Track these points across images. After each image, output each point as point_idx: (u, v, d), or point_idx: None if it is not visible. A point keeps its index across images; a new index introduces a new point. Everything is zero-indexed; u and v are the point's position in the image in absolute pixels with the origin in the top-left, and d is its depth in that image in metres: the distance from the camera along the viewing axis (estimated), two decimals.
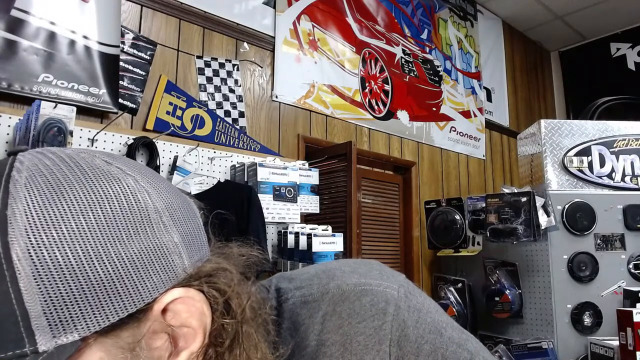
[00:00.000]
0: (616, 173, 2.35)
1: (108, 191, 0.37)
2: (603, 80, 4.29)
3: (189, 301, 0.39)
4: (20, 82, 1.66)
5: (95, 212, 0.35)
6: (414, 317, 0.48)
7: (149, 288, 0.37)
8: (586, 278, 2.13)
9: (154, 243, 0.37)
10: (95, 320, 0.34)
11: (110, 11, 1.93)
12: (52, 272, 0.33)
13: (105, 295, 0.34)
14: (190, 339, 0.40)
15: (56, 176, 0.36)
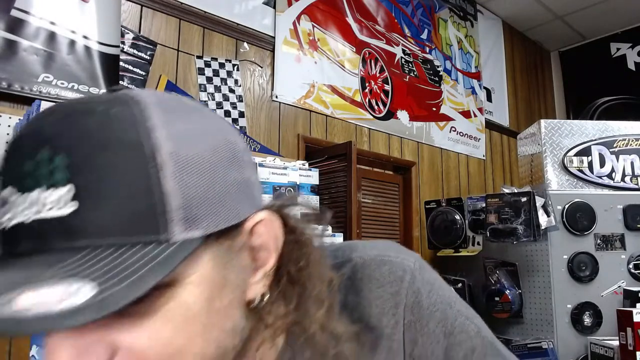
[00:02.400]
0: (616, 173, 2.35)
1: (214, 122, 0.43)
2: (603, 80, 4.29)
3: (269, 224, 0.45)
4: (20, 82, 1.66)
5: (210, 136, 0.41)
6: (427, 287, 0.52)
7: (245, 207, 0.42)
8: (586, 278, 2.13)
9: (243, 175, 0.43)
10: (213, 222, 0.39)
11: (110, 11, 1.93)
12: (188, 174, 0.37)
13: (221, 204, 0.40)
14: (266, 259, 0.45)
15: (174, 103, 0.41)
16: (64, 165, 0.35)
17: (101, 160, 0.35)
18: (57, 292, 0.31)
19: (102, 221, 0.35)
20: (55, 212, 0.34)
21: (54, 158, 0.35)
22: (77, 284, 0.32)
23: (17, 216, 0.35)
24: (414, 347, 0.51)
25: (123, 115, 0.37)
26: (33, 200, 0.35)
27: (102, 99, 0.39)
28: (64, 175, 0.35)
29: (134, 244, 0.35)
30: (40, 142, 0.36)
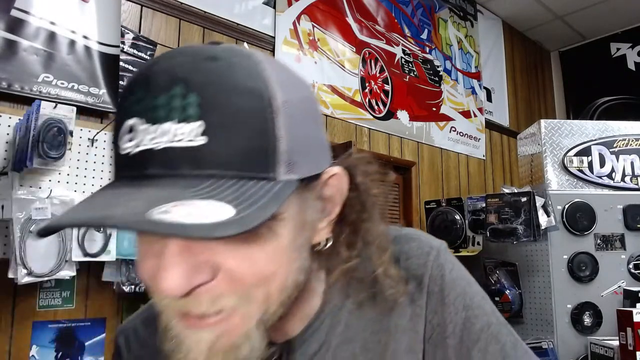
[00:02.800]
0: (616, 173, 2.34)
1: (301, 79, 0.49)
2: (603, 80, 4.29)
3: (339, 179, 0.51)
4: (20, 82, 1.66)
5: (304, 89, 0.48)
6: (450, 265, 0.57)
7: (324, 159, 0.48)
8: (586, 278, 2.13)
9: (323, 133, 0.49)
10: (306, 169, 0.44)
11: (110, 11, 1.93)
12: (294, 122, 0.43)
13: (311, 153, 0.46)
14: (332, 209, 0.51)
15: (272, 59, 0.47)
16: (196, 103, 0.39)
17: (228, 102, 0.40)
18: (204, 208, 0.36)
19: (226, 155, 0.40)
20: (186, 143, 0.39)
21: (187, 95, 0.39)
22: (218, 204, 0.37)
23: (145, 143, 0.39)
24: (434, 315, 0.55)
25: (243, 64, 0.42)
26: (165, 131, 0.39)
27: (219, 48, 0.43)
28: (195, 112, 0.39)
29: (250, 178, 0.40)
30: (174, 80, 0.40)
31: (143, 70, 0.43)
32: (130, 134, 0.40)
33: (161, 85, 0.40)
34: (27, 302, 1.63)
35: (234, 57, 0.43)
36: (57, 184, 1.64)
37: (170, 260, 0.40)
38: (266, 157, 0.41)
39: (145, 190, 0.38)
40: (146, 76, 0.41)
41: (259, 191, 0.40)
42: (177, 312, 0.43)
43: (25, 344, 1.61)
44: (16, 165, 1.54)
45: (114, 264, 1.70)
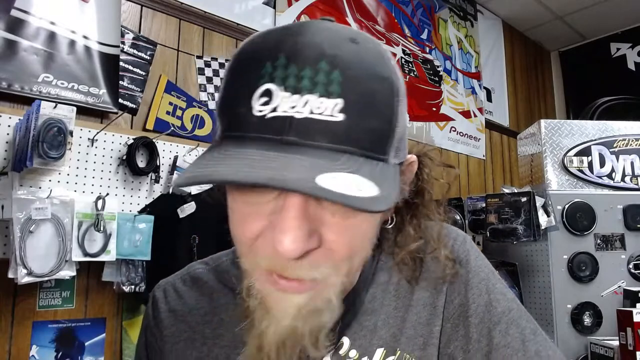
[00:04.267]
0: (616, 173, 2.34)
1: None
2: (603, 80, 4.28)
3: (414, 166, 0.55)
4: (20, 82, 1.66)
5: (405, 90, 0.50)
6: (475, 253, 0.62)
7: (406, 148, 0.52)
8: (586, 278, 2.12)
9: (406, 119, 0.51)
10: (401, 155, 0.49)
11: (110, 11, 1.93)
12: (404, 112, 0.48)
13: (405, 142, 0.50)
14: (404, 192, 0.55)
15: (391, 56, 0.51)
16: (338, 81, 0.41)
17: (366, 85, 0.43)
18: (356, 182, 0.39)
19: (359, 134, 0.42)
20: (326, 117, 0.41)
21: (332, 71, 0.41)
22: (363, 179, 0.40)
23: (284, 110, 0.41)
24: (457, 295, 0.59)
25: (376, 51, 0.45)
26: (306, 101, 0.41)
27: (354, 31, 0.46)
28: (337, 89, 0.41)
29: (372, 158, 0.43)
30: (321, 54, 0.42)
31: (284, 38, 0.43)
32: (265, 97, 0.41)
33: (309, 57, 0.42)
34: (27, 302, 1.63)
35: (368, 43, 0.46)
36: (57, 184, 1.64)
37: (292, 223, 0.41)
38: (387, 141, 0.45)
39: (297, 157, 0.40)
40: (292, 46, 0.42)
41: (385, 172, 0.44)
42: (271, 273, 0.45)
43: (25, 343, 1.61)
44: (16, 165, 1.54)
45: (114, 264, 1.70)
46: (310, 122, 0.41)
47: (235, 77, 0.45)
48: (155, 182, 1.89)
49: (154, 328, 0.64)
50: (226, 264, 0.66)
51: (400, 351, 0.57)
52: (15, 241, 1.45)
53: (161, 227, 1.76)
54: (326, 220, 0.44)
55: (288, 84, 0.41)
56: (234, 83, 0.45)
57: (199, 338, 0.60)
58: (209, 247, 1.81)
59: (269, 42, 0.44)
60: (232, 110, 0.44)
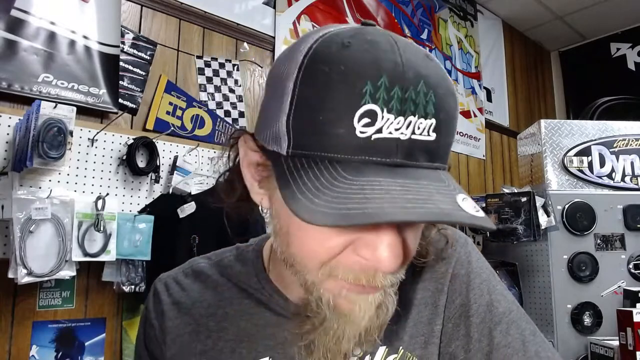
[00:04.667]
0: (616, 173, 2.34)
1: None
2: (603, 80, 4.28)
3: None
4: (20, 82, 1.66)
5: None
6: (477, 255, 0.64)
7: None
8: (586, 278, 2.13)
9: None
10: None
11: (110, 11, 1.93)
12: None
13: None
14: None
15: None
16: (433, 102, 0.43)
17: (448, 103, 0.44)
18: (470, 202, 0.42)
19: (445, 150, 0.45)
20: (424, 137, 0.42)
21: (428, 92, 0.42)
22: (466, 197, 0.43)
23: (390, 132, 0.41)
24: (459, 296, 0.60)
25: (442, 66, 0.46)
26: (410, 123, 0.42)
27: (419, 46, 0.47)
28: (432, 109, 0.43)
29: (442, 169, 0.46)
30: (419, 76, 0.42)
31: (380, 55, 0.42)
32: (367, 118, 0.41)
33: (410, 79, 0.42)
34: (27, 302, 1.63)
35: (435, 58, 0.47)
36: (57, 184, 1.64)
37: (393, 242, 0.44)
38: (449, 151, 0.47)
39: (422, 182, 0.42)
40: (393, 66, 0.42)
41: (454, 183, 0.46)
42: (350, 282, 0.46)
43: (25, 343, 1.61)
44: (16, 165, 1.54)
45: (114, 264, 1.70)
46: (413, 142, 0.42)
47: (323, 93, 0.42)
48: (155, 182, 1.89)
49: (154, 320, 0.64)
50: (229, 260, 0.67)
51: (402, 350, 0.58)
52: (15, 241, 1.45)
53: (161, 227, 1.76)
54: (406, 231, 0.47)
55: (392, 105, 0.41)
56: (322, 100, 0.42)
57: (204, 331, 0.61)
58: (209, 247, 1.80)
59: (361, 58, 0.42)
60: (325, 129, 0.42)
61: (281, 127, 0.44)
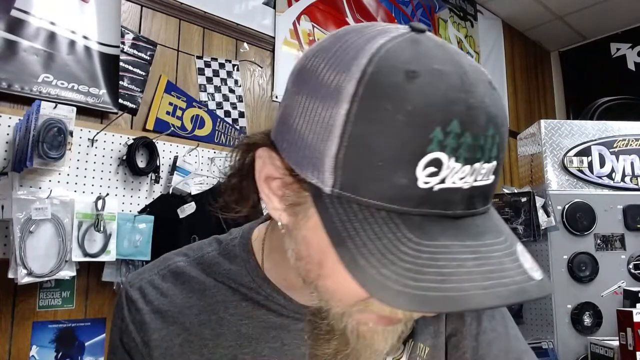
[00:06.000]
0: (616, 173, 2.34)
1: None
2: (603, 80, 4.28)
3: None
4: (20, 82, 1.66)
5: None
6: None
7: None
8: (586, 278, 2.13)
9: None
10: None
11: (110, 11, 1.93)
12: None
13: None
14: None
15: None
16: (497, 144, 0.39)
17: (505, 140, 0.41)
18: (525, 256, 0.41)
19: (495, 188, 0.42)
20: (484, 182, 0.40)
21: (495, 136, 0.39)
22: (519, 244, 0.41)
23: (453, 181, 0.37)
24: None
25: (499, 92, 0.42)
26: (474, 170, 0.38)
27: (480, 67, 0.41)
28: (495, 152, 0.40)
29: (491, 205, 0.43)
30: (489, 119, 0.38)
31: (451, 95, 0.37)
32: (432, 167, 0.36)
33: (481, 125, 0.37)
34: (27, 302, 1.63)
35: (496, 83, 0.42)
36: (57, 184, 1.64)
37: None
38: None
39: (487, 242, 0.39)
40: (465, 110, 0.37)
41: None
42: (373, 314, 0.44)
43: (25, 344, 1.61)
44: (16, 166, 1.54)
45: (114, 264, 1.70)
46: (474, 190, 0.39)
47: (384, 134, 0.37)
48: (155, 183, 1.89)
49: (133, 332, 0.57)
50: (212, 256, 0.60)
51: (413, 341, 0.58)
52: (15, 241, 1.45)
53: (161, 228, 1.76)
54: None
55: (460, 154, 0.37)
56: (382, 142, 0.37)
57: (197, 340, 0.56)
58: None
59: (430, 97, 0.36)
60: (384, 176, 0.37)
61: (327, 161, 0.38)
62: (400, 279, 0.35)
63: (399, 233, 0.37)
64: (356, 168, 0.37)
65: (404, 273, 0.35)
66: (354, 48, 0.39)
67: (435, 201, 0.37)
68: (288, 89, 0.45)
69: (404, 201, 0.37)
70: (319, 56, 0.42)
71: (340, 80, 0.38)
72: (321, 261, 0.42)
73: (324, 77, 0.40)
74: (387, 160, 0.36)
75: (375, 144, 0.37)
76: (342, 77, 0.38)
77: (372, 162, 0.37)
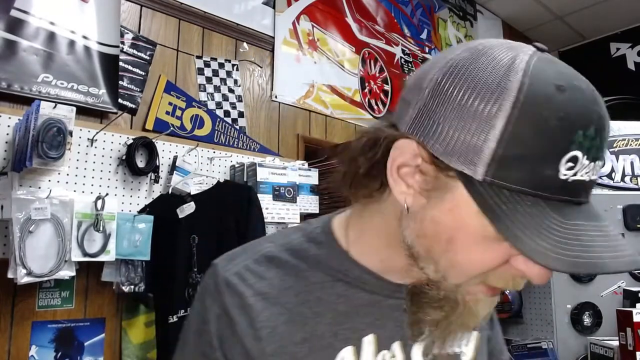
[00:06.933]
0: (616, 173, 2.34)
1: None
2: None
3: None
4: (20, 82, 1.66)
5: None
6: None
7: None
8: (586, 278, 2.12)
9: None
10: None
11: (110, 11, 1.93)
12: None
13: None
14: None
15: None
16: (606, 145, 0.49)
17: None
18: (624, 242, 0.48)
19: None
20: (595, 177, 0.49)
21: (605, 137, 0.48)
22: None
23: (581, 175, 0.47)
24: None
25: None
26: (595, 167, 0.48)
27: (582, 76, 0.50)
28: (605, 152, 0.49)
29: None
30: (608, 123, 0.48)
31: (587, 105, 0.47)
32: (571, 163, 0.46)
33: (605, 129, 0.48)
34: (27, 302, 1.63)
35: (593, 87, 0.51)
36: (57, 184, 1.64)
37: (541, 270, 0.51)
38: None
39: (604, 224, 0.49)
40: (599, 118, 0.47)
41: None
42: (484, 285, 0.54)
43: (25, 344, 1.61)
44: (16, 165, 1.54)
45: (113, 264, 1.70)
46: (591, 183, 0.49)
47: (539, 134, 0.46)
48: (155, 182, 1.89)
49: (236, 317, 0.60)
50: (299, 242, 0.65)
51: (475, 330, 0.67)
52: (15, 241, 1.45)
53: (160, 227, 1.76)
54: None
55: (591, 153, 0.47)
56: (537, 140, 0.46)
57: (299, 319, 0.60)
58: (208, 247, 1.81)
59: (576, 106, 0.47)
60: (533, 167, 0.46)
61: (485, 154, 0.47)
62: (554, 248, 0.45)
63: (546, 213, 0.47)
64: (511, 161, 0.46)
65: (556, 244, 0.45)
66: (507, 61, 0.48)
67: (569, 190, 0.47)
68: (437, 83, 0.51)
69: (547, 189, 0.46)
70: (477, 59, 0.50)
71: (501, 88, 0.47)
72: (452, 238, 0.51)
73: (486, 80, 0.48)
74: (538, 155, 0.46)
75: (530, 142, 0.46)
76: (503, 85, 0.47)
77: (525, 156, 0.46)
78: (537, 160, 0.46)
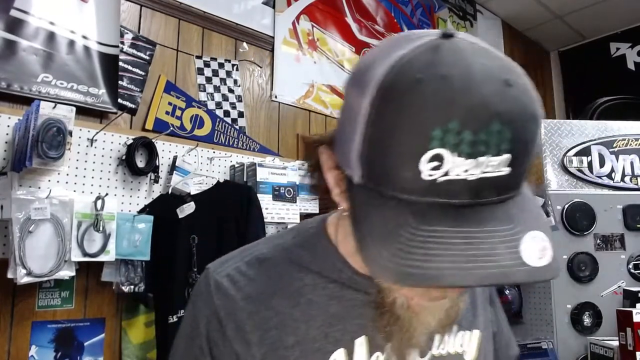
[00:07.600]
0: (616, 173, 2.34)
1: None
2: (603, 80, 4.28)
3: None
4: (19, 82, 1.66)
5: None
6: None
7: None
8: (586, 278, 2.12)
9: None
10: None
11: (110, 11, 1.93)
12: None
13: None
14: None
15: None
16: (508, 139, 0.41)
17: (527, 132, 0.43)
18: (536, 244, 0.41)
19: (519, 178, 0.44)
20: (494, 174, 0.42)
21: (502, 130, 0.41)
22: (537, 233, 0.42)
23: (457, 174, 0.41)
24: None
25: (525, 87, 0.44)
26: (479, 164, 0.41)
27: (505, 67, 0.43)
28: (507, 146, 0.41)
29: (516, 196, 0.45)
30: (491, 115, 0.40)
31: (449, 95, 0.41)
32: (435, 162, 0.41)
33: (480, 121, 0.40)
34: (27, 302, 1.62)
35: (520, 79, 0.44)
36: (57, 184, 1.64)
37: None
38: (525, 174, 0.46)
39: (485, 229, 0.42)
40: (463, 111, 0.40)
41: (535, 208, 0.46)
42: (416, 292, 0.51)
43: (25, 344, 1.61)
44: (15, 165, 1.54)
45: (113, 264, 1.70)
46: (483, 181, 0.42)
47: (391, 135, 0.42)
48: (155, 182, 1.89)
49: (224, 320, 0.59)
50: (292, 243, 0.65)
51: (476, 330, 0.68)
52: (15, 241, 1.45)
53: (160, 228, 1.76)
54: None
55: (461, 150, 0.40)
56: (390, 142, 0.42)
57: (290, 322, 0.59)
58: (208, 248, 1.81)
59: (432, 99, 0.41)
60: (393, 171, 0.43)
61: (353, 157, 0.46)
62: (392, 257, 0.41)
63: (401, 219, 0.42)
64: (375, 163, 0.44)
65: (396, 252, 0.41)
66: (381, 57, 0.45)
67: (440, 191, 0.42)
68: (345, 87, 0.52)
69: (411, 192, 0.42)
70: (360, 62, 0.49)
71: (363, 88, 0.44)
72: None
73: (357, 82, 0.46)
74: (394, 157, 0.42)
75: (385, 144, 0.43)
76: (365, 85, 0.44)
77: (384, 159, 0.43)
78: (395, 162, 0.42)
